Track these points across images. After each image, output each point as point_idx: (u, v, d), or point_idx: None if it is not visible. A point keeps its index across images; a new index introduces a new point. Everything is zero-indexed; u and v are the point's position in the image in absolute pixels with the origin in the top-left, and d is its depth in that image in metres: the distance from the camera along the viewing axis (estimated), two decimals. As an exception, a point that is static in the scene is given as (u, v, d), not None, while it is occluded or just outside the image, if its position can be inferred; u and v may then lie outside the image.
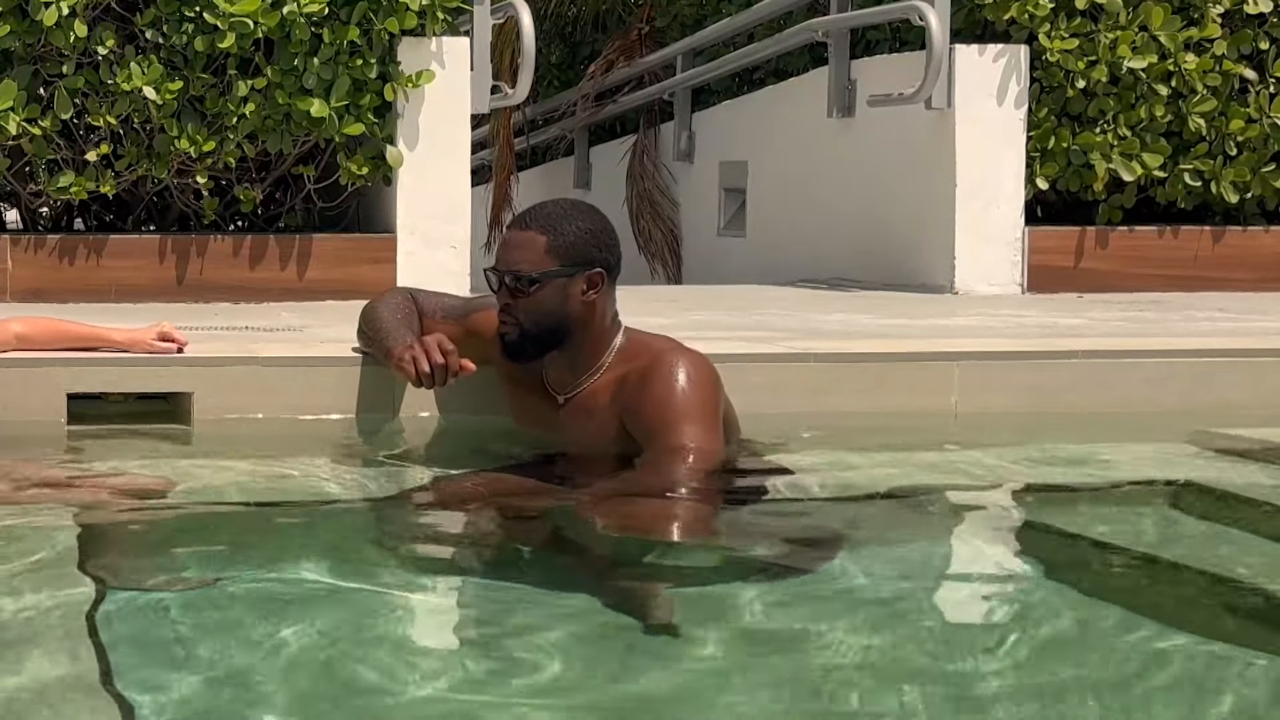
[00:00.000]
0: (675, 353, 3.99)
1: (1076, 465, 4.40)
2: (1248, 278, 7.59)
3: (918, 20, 7.22)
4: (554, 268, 3.97)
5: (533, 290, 3.98)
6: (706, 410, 3.91)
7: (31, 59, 6.51)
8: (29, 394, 4.47)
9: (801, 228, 8.52)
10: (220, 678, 2.58)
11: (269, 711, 2.46)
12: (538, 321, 4.00)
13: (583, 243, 4.00)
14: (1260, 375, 4.88)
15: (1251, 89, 7.58)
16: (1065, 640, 2.85)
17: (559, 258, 3.98)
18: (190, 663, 2.65)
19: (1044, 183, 7.45)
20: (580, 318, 4.01)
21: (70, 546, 3.33)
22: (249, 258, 6.74)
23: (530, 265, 3.98)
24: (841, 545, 3.54)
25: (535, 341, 4.04)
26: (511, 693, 2.54)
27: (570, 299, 4.00)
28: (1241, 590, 3.17)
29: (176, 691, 2.50)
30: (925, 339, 5.21)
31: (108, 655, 2.64)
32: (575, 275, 3.99)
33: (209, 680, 2.56)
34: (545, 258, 3.98)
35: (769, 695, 2.55)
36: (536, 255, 3.99)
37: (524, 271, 3.98)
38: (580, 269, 3.99)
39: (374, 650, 2.75)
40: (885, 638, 2.85)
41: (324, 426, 4.52)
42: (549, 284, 3.98)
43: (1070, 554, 3.51)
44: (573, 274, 3.98)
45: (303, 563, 3.33)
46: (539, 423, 4.19)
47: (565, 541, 3.62)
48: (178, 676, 2.57)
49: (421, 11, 6.61)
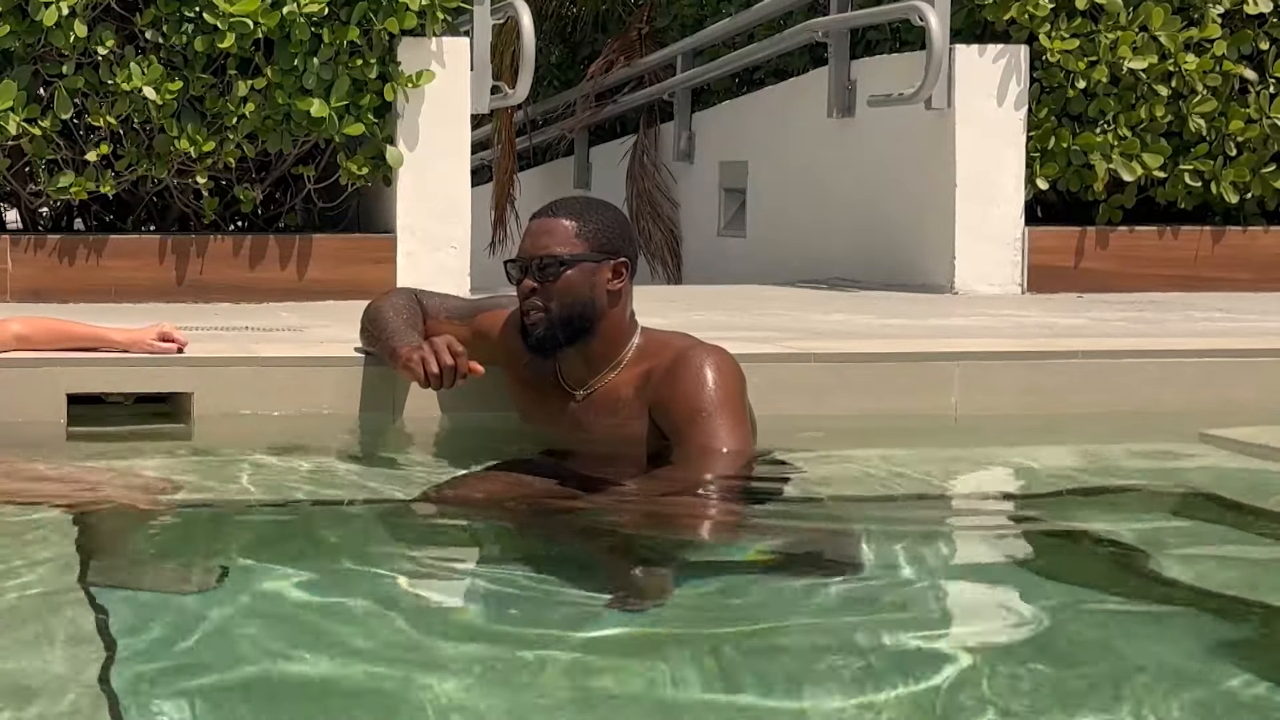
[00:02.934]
0: (700, 348, 4.02)
1: (1076, 465, 4.40)
2: (1248, 278, 7.59)
3: (918, 20, 7.22)
4: (584, 252, 4.01)
5: (563, 272, 4.01)
6: (736, 405, 3.94)
7: (31, 59, 6.51)
8: (29, 394, 4.47)
9: (802, 228, 8.52)
10: (220, 678, 2.58)
11: (270, 712, 2.46)
12: (568, 305, 4.03)
13: (610, 231, 4.06)
14: (1260, 375, 4.88)
15: (1251, 89, 7.58)
16: (1065, 640, 2.85)
17: (588, 243, 4.04)
18: (190, 663, 2.65)
19: (1044, 183, 7.45)
20: (604, 307, 4.04)
21: (70, 546, 3.33)
22: (249, 258, 6.74)
23: (562, 249, 4.02)
24: (843, 545, 3.55)
25: (565, 326, 4.05)
26: (525, 695, 2.54)
27: (597, 285, 4.04)
28: (1241, 591, 3.17)
29: (176, 692, 2.50)
30: (925, 339, 5.21)
31: (107, 655, 2.64)
32: (603, 263, 4.04)
33: (209, 681, 2.56)
34: (575, 242, 4.04)
35: (781, 692, 2.56)
36: (566, 239, 4.04)
37: (556, 253, 4.01)
38: (607, 256, 4.04)
39: (376, 651, 2.75)
40: (885, 638, 2.84)
41: (324, 426, 4.51)
42: (579, 267, 4.03)
43: (1070, 554, 3.51)
44: (600, 260, 4.03)
45: (304, 563, 3.33)
46: (552, 421, 4.19)
47: (588, 541, 3.61)
48: (178, 676, 2.57)
49: (421, 11, 6.61)
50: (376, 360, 4.43)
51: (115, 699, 2.44)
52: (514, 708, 2.48)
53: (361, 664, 2.67)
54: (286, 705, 2.49)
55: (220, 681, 2.56)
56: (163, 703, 2.46)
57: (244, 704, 2.48)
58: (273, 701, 2.50)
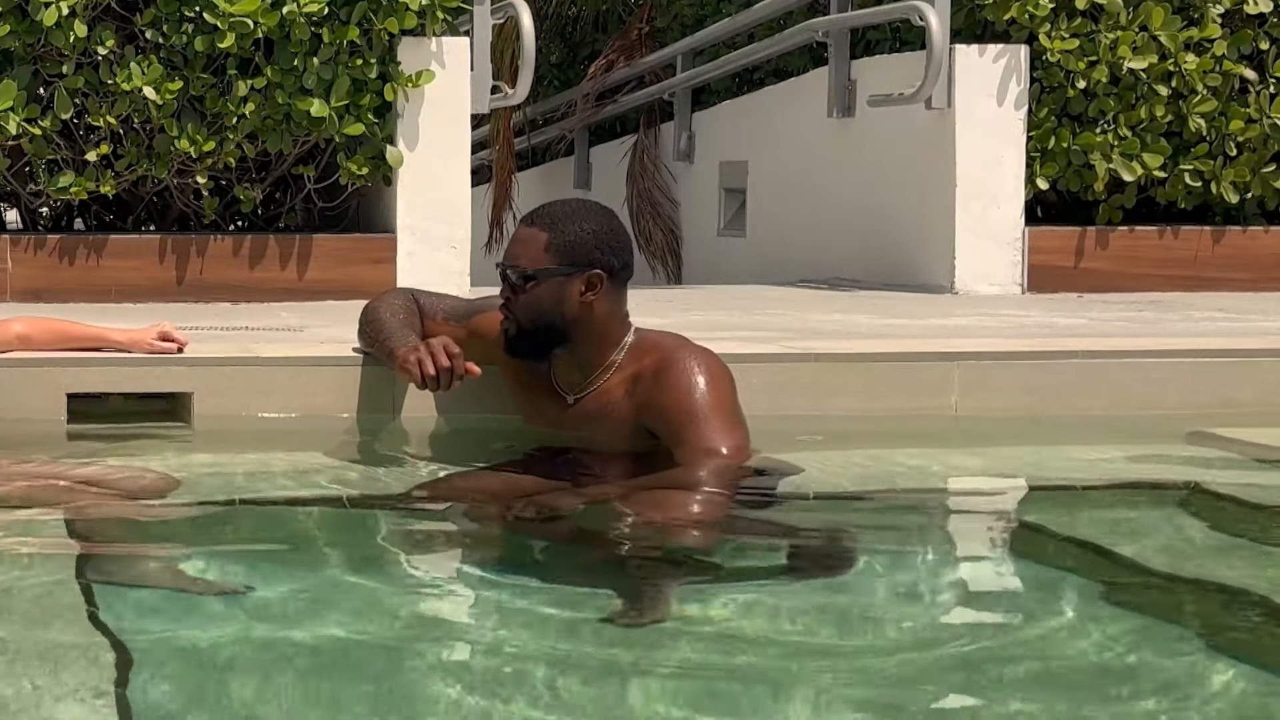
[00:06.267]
0: (686, 349, 4.00)
1: (1076, 465, 4.40)
2: (1248, 278, 7.58)
3: (918, 20, 7.22)
4: (551, 266, 3.98)
5: (529, 287, 4.00)
6: (729, 406, 3.92)
7: (31, 59, 6.51)
8: (29, 394, 4.47)
9: (802, 228, 8.51)
10: (220, 678, 2.58)
11: (268, 710, 2.46)
12: (534, 319, 4.02)
13: (584, 243, 4.00)
14: (1260, 375, 4.88)
15: (1251, 89, 7.58)
16: (1065, 640, 2.85)
17: (558, 256, 3.99)
18: (189, 663, 2.65)
19: (1044, 183, 7.44)
20: (578, 318, 4.01)
21: (69, 546, 3.33)
22: (249, 258, 6.74)
23: (529, 262, 4.00)
24: (844, 546, 3.55)
25: (531, 338, 4.05)
26: (524, 693, 2.54)
27: (568, 299, 4.00)
28: (1240, 591, 3.17)
29: (176, 691, 2.50)
30: (925, 339, 5.21)
31: (107, 655, 2.64)
32: (573, 275, 3.99)
33: (208, 681, 2.56)
34: (544, 255, 4.00)
35: (780, 694, 2.56)
36: (536, 252, 4.01)
37: (522, 268, 4.00)
38: (579, 269, 3.99)
39: (375, 650, 2.75)
40: (884, 638, 2.85)
41: (324, 426, 4.51)
42: (546, 282, 3.99)
43: (1069, 554, 3.51)
44: (570, 274, 3.99)
45: (304, 562, 3.33)
46: (549, 423, 4.19)
47: (587, 541, 3.61)
48: (177, 676, 2.57)
49: (421, 11, 6.61)
50: (376, 360, 4.43)
51: (114, 699, 2.44)
52: (510, 708, 2.48)
53: (360, 663, 2.67)
54: (285, 704, 2.49)
55: (220, 681, 2.56)
56: (163, 702, 2.46)
57: (243, 703, 2.48)
58: (271, 700, 2.50)
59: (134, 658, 2.64)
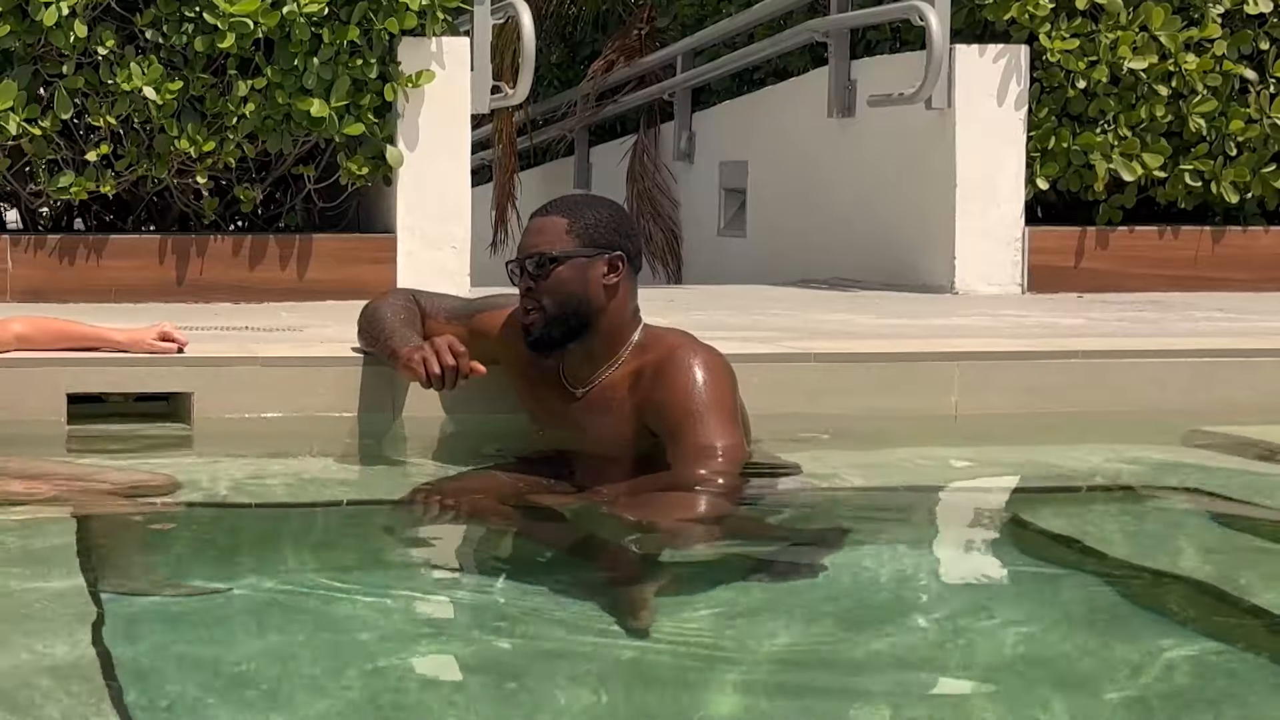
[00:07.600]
0: (688, 346, 4.01)
1: (1076, 465, 4.40)
2: (1247, 278, 7.59)
3: (918, 20, 7.22)
4: (574, 248, 4.00)
5: (553, 269, 4.00)
6: (728, 405, 3.93)
7: (31, 59, 6.51)
8: (29, 394, 4.47)
9: (802, 228, 8.52)
10: (220, 679, 2.58)
11: (269, 711, 2.46)
12: (561, 303, 4.01)
13: (603, 226, 4.05)
14: (1260, 375, 4.88)
15: (1251, 89, 7.58)
16: (1064, 640, 2.85)
17: (579, 239, 4.03)
18: (189, 663, 2.65)
19: (1044, 183, 7.45)
20: (601, 303, 4.03)
21: (69, 546, 3.33)
22: (249, 258, 6.74)
23: (551, 246, 4.01)
24: (841, 546, 3.55)
25: (561, 324, 4.04)
26: (523, 693, 2.54)
27: (591, 281, 4.02)
28: (1240, 591, 3.17)
29: (176, 691, 2.50)
30: (925, 339, 5.21)
31: (107, 655, 2.64)
32: (595, 258, 4.02)
33: (208, 682, 2.56)
34: (566, 238, 4.03)
35: (775, 693, 2.56)
36: (557, 236, 4.03)
37: (544, 252, 4.01)
38: (601, 251, 4.03)
39: (374, 650, 2.75)
40: (883, 638, 2.85)
41: (324, 426, 4.51)
42: (569, 263, 4.01)
43: (1069, 554, 3.51)
44: (593, 256, 4.02)
45: (303, 563, 3.33)
46: (555, 419, 4.19)
47: (582, 541, 3.60)
48: (177, 677, 2.57)
49: (421, 11, 6.61)
50: (376, 360, 4.43)
51: (114, 699, 2.44)
52: (510, 708, 2.48)
53: (359, 662, 2.67)
54: (284, 704, 2.49)
55: (220, 680, 2.56)
56: (163, 701, 2.46)
57: (243, 702, 2.48)
58: (271, 700, 2.50)
59: (133, 658, 2.64)
